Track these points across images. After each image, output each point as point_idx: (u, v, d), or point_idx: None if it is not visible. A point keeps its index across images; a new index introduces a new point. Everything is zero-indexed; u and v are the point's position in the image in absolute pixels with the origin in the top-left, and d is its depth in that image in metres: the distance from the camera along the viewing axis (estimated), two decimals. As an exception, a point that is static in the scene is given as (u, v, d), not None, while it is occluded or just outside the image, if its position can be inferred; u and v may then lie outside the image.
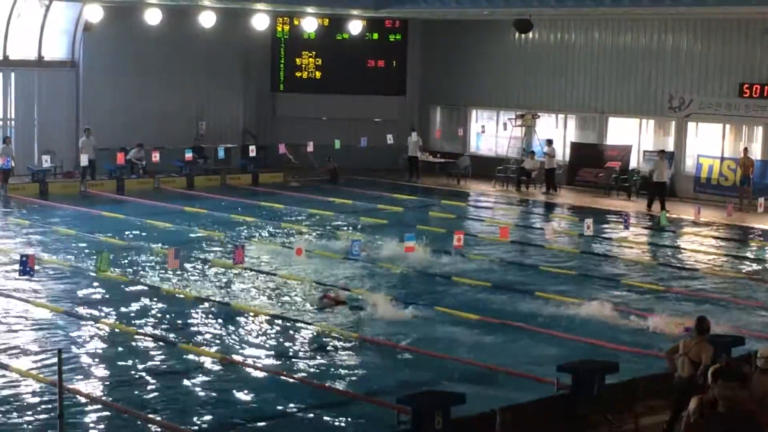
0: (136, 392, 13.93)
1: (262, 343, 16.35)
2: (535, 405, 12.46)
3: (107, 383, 14.30)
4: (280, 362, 15.41)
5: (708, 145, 33.12)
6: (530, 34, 35.46)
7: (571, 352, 15.79)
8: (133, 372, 14.76)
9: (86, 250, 22.73)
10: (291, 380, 14.52)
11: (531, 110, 36.53)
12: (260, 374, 14.83)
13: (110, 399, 13.54)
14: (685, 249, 25.47)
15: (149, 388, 14.14)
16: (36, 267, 16.74)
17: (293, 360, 15.55)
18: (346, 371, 15.09)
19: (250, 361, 15.43)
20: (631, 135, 34.79)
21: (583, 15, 33.73)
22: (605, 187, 33.98)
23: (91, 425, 12.66)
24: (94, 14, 33.46)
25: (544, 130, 36.47)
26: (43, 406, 13.14)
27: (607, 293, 20.15)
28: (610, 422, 12.55)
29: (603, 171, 34.19)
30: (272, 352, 15.90)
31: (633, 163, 34.22)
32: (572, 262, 23.07)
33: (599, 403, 12.71)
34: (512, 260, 23.16)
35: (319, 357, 15.70)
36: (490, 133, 38.39)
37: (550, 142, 34.79)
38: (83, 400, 13.41)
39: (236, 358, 15.54)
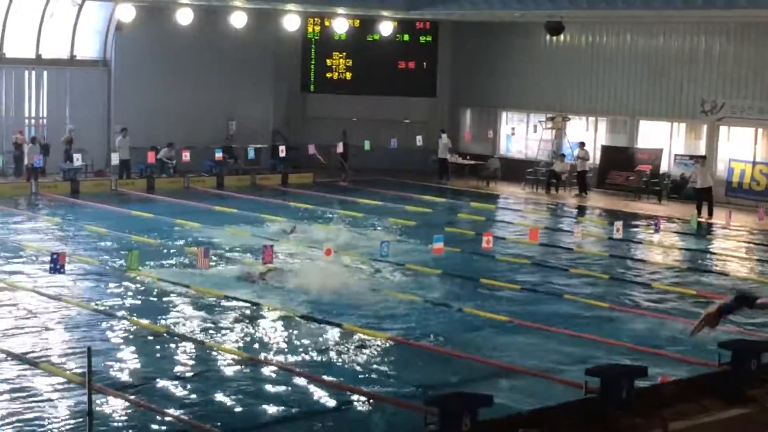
0: (164, 391, 13.97)
1: (289, 343, 16.36)
2: (562, 408, 12.40)
3: (136, 381, 14.34)
4: (306, 362, 15.41)
5: (740, 149, 32.92)
6: (561, 36, 35.35)
7: (599, 355, 15.75)
8: (161, 370, 14.80)
9: (116, 248, 22.84)
10: (318, 380, 14.51)
11: (561, 113, 36.45)
12: (287, 374, 14.82)
13: (138, 397, 13.58)
14: (715, 253, 25.33)
15: (177, 386, 14.17)
16: (66, 264, 16.81)
17: (320, 360, 15.54)
18: (374, 372, 15.07)
19: (277, 360, 15.44)
20: (662, 138, 34.63)
21: (615, 17, 33.61)
22: (636, 190, 33.83)
23: (120, 423, 12.70)
24: (127, 14, 33.67)
25: (575, 133, 36.38)
26: (71, 404, 13.20)
27: (637, 296, 20.08)
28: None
29: (633, 174, 34.04)
30: (299, 352, 15.90)
31: (664, 167, 34.05)
32: (602, 265, 22.97)
33: (628, 408, 12.63)
34: (541, 262, 23.09)
35: (347, 357, 15.69)
36: (520, 136, 38.35)
37: (582, 144, 34.68)
38: (112, 398, 13.46)
39: (264, 357, 15.56)
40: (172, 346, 16.07)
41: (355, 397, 13.93)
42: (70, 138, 33.54)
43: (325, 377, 14.67)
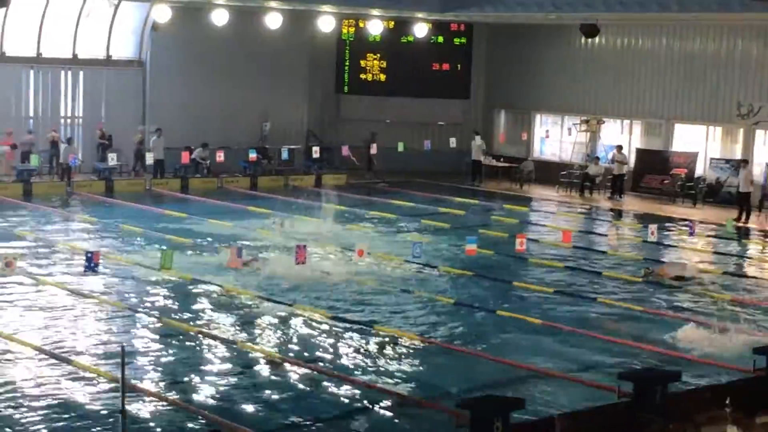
0: (195, 389, 14.02)
1: (319, 344, 16.37)
2: (594, 412, 12.34)
3: (168, 380, 14.39)
4: (337, 363, 15.41)
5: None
6: (596, 39, 35.21)
7: (632, 359, 15.68)
8: (193, 369, 14.85)
9: (150, 248, 22.94)
10: (348, 381, 14.51)
11: (596, 115, 36.29)
12: (318, 375, 14.83)
13: (171, 395, 13.63)
14: (750, 258, 25.16)
15: (209, 385, 14.21)
16: (100, 263, 16.90)
17: (351, 361, 15.54)
18: (404, 373, 15.05)
19: (308, 361, 15.45)
20: (698, 142, 34.41)
21: (650, 20, 33.42)
22: (670, 193, 33.64)
23: (152, 421, 12.75)
24: (162, 14, 33.78)
25: (609, 136, 36.22)
26: (105, 402, 13.26)
27: (672, 300, 19.96)
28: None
29: (669, 178, 33.85)
30: (330, 353, 15.91)
31: (699, 171, 33.84)
32: (636, 269, 22.83)
33: (661, 412, 12.56)
34: (575, 265, 22.99)
35: (377, 358, 15.68)
36: (554, 138, 38.22)
37: (620, 148, 34.49)
38: (145, 396, 13.52)
39: (294, 358, 15.57)
40: (205, 345, 16.11)
41: (384, 398, 13.92)
42: (142, 138, 33.86)
43: (355, 378, 14.67)
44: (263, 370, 15.05)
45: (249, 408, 13.40)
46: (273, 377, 14.69)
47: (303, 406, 13.56)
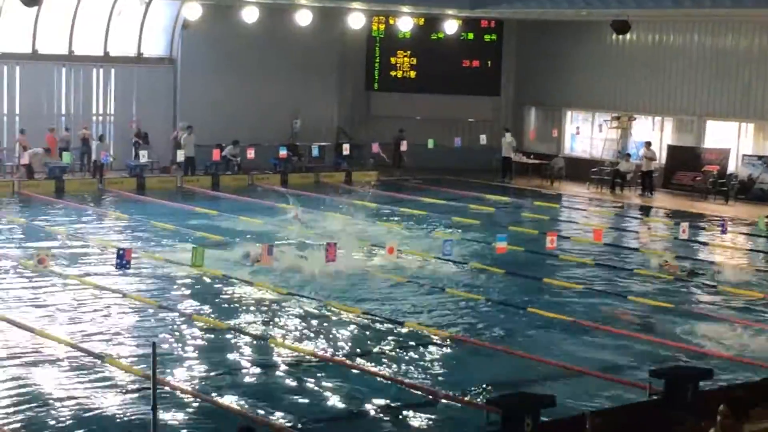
0: (227, 386, 14.06)
1: (352, 340, 16.40)
2: (625, 410, 12.30)
3: (199, 376, 14.45)
4: (368, 359, 15.43)
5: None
6: (627, 35, 35.06)
7: (664, 356, 15.62)
8: (224, 366, 14.90)
9: (181, 245, 23.02)
10: (380, 378, 14.53)
11: (627, 112, 36.15)
12: (349, 371, 14.85)
13: (202, 392, 13.68)
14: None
15: (240, 382, 14.26)
16: (132, 260, 16.98)
17: (383, 357, 15.56)
18: (435, 370, 15.06)
19: (339, 356, 15.48)
20: (730, 138, 34.20)
21: (682, 16, 33.24)
22: (702, 190, 33.46)
23: (183, 418, 12.80)
24: (193, 12, 33.93)
25: (640, 133, 36.06)
26: (136, 398, 13.33)
27: (703, 298, 19.87)
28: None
29: (700, 175, 33.66)
30: (361, 349, 15.94)
31: (731, 167, 33.63)
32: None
33: (692, 410, 12.50)
34: (605, 262, 22.90)
35: (408, 355, 15.69)
36: (585, 135, 38.10)
37: (648, 144, 34.35)
38: (176, 392, 13.58)
39: (325, 354, 15.60)
40: (236, 341, 16.17)
41: (415, 394, 13.93)
42: (176, 134, 34.15)
43: (386, 374, 14.68)
44: (294, 366, 15.08)
45: (281, 404, 13.42)
46: (304, 373, 14.71)
47: (334, 402, 13.59)
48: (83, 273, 20.34)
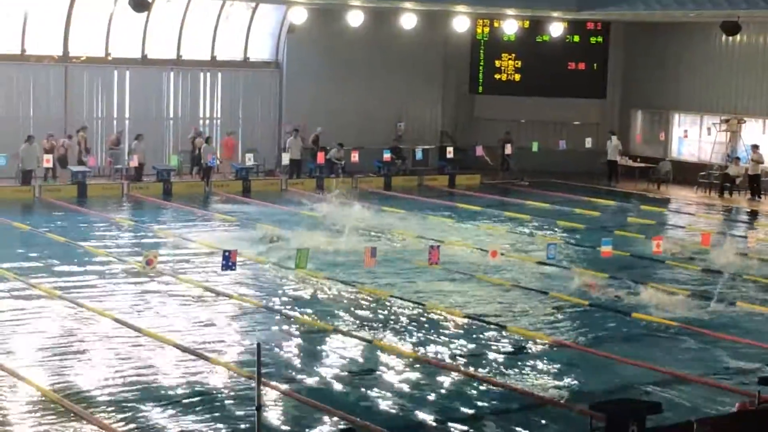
0: (330, 388, 14.13)
1: (454, 343, 16.35)
2: (734, 418, 12.05)
3: (302, 378, 14.53)
4: (470, 363, 15.37)
5: None
6: (737, 37, 34.42)
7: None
8: (327, 368, 14.97)
9: (286, 247, 23.17)
10: (483, 381, 14.47)
11: (737, 115, 35.49)
12: (452, 374, 14.83)
13: (305, 394, 13.76)
14: None
15: (343, 384, 14.31)
16: (238, 262, 17.16)
17: (485, 361, 15.49)
18: (539, 374, 14.94)
19: (442, 360, 15.46)
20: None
21: (795, 17, 32.57)
22: (814, 195, 32.73)
23: (287, 419, 12.90)
24: (299, 16, 34.23)
25: (751, 136, 35.36)
26: (240, 398, 13.47)
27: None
28: None
29: (811, 178, 32.92)
30: (464, 353, 15.89)
31: None
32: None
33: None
34: (713, 268, 22.49)
35: (511, 359, 15.60)
36: (693, 138, 37.49)
37: (756, 147, 33.69)
38: (280, 394, 13.69)
39: (429, 357, 15.59)
40: (339, 343, 16.24)
41: (518, 398, 13.85)
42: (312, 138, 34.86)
43: (488, 377, 14.62)
44: (397, 368, 15.09)
45: (382, 406, 13.45)
46: (406, 375, 14.72)
47: (436, 406, 13.56)
48: (190, 273, 20.62)
